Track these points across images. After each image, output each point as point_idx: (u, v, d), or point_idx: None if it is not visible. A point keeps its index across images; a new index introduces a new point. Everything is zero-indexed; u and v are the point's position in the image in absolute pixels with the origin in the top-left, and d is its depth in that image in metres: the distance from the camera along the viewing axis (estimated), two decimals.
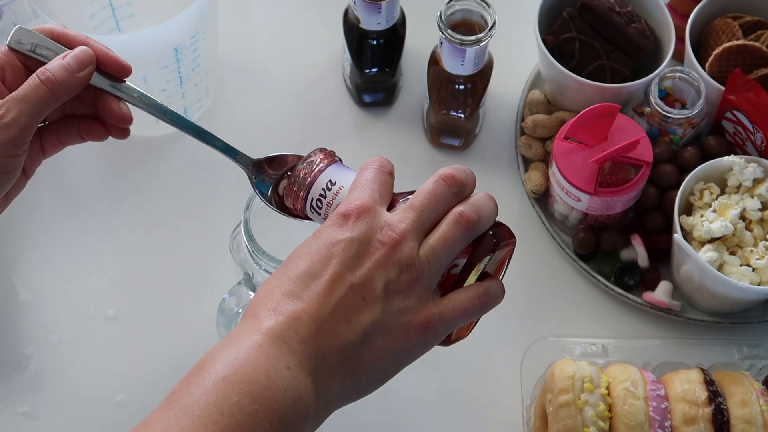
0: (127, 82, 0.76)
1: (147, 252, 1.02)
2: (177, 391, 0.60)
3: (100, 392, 0.95)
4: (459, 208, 0.65)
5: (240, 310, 0.86)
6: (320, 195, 0.69)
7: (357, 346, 0.62)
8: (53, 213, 1.04)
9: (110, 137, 0.79)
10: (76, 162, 1.07)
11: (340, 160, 0.72)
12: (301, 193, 0.70)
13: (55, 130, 0.78)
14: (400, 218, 0.64)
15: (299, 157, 0.74)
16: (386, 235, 0.63)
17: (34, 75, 0.72)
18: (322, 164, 0.70)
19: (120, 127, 0.77)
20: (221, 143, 0.75)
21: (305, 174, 0.70)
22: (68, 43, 0.74)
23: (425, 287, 0.64)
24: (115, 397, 0.95)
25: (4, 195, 0.76)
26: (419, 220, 0.64)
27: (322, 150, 0.71)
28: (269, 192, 0.74)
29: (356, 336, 0.62)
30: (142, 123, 1.06)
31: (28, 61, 0.74)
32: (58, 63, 0.72)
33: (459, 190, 0.67)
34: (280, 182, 0.74)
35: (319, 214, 0.70)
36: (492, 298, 0.67)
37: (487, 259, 0.67)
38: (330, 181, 0.69)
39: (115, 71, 0.75)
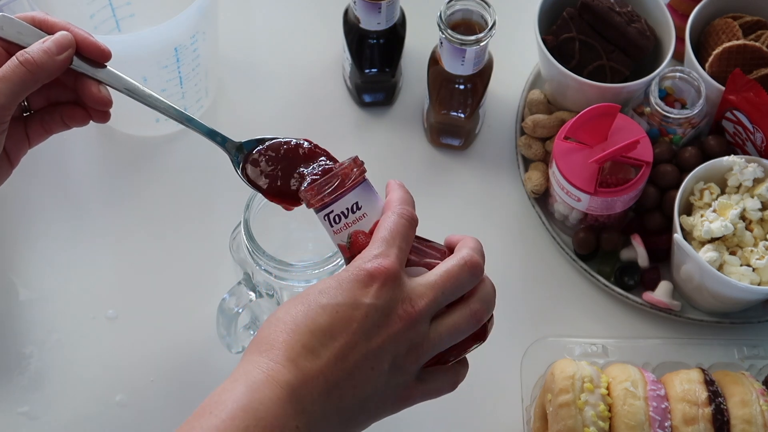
0: (108, 66, 0.77)
1: (147, 252, 1.02)
2: (195, 427, 0.62)
3: (100, 392, 0.95)
4: (476, 306, 0.69)
5: (240, 310, 0.86)
6: (342, 213, 0.70)
7: (355, 410, 0.65)
8: (53, 213, 1.04)
9: (95, 133, 0.80)
10: (77, 163, 1.07)
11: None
12: (325, 199, 0.70)
13: (40, 118, 0.79)
14: (420, 294, 0.66)
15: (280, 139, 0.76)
16: (406, 311, 0.66)
17: (13, 57, 0.73)
18: (354, 180, 0.70)
19: (100, 111, 0.79)
20: (206, 128, 0.77)
21: (336, 186, 0.70)
22: (49, 29, 0.76)
23: (420, 364, 0.67)
24: (115, 397, 0.95)
25: None
26: (437, 301, 0.67)
27: (356, 161, 0.71)
28: (239, 167, 0.76)
29: (357, 402, 0.65)
30: (143, 123, 1.07)
31: (10, 47, 0.75)
32: (38, 46, 0.74)
33: (479, 277, 0.69)
34: (250, 156, 0.75)
35: (332, 226, 0.70)
36: (459, 382, 0.71)
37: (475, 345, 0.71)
38: (356, 204, 0.70)
39: (96, 56, 0.77)
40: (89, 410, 0.94)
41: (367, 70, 1.06)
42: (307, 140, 0.76)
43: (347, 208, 0.70)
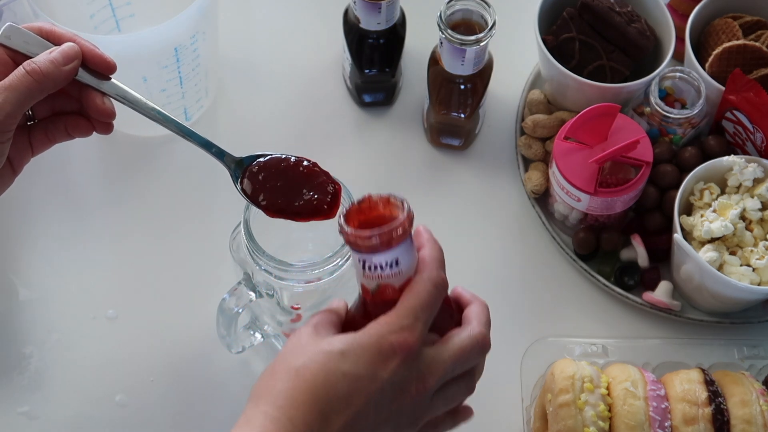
0: (113, 79, 0.78)
1: (147, 252, 1.02)
2: None
3: (100, 392, 0.95)
4: (473, 381, 0.72)
5: (240, 310, 0.86)
6: (379, 264, 0.68)
7: None
8: (53, 213, 1.04)
9: (95, 133, 0.81)
10: (77, 162, 1.07)
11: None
12: (371, 249, 0.67)
13: (44, 127, 0.80)
14: (432, 371, 0.68)
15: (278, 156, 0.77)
16: (417, 389, 0.68)
17: (20, 66, 0.74)
18: (403, 235, 0.67)
19: (103, 122, 0.80)
20: (203, 140, 0.79)
21: (383, 241, 0.67)
22: (56, 40, 0.77)
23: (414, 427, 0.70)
24: (115, 397, 0.95)
25: None
26: (446, 375, 0.69)
27: (409, 216, 0.67)
28: (239, 182, 0.77)
29: None
30: (143, 123, 1.06)
31: (17, 57, 0.76)
32: (44, 56, 0.75)
33: (485, 354, 0.72)
34: (249, 171, 0.77)
35: (363, 270, 0.68)
36: None
37: None
38: (396, 260, 0.68)
39: (101, 68, 0.78)
40: (89, 410, 0.94)
41: (367, 70, 1.06)
42: (306, 159, 0.77)
43: (386, 262, 0.68)
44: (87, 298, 1.00)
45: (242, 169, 0.78)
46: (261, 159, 0.78)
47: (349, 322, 0.72)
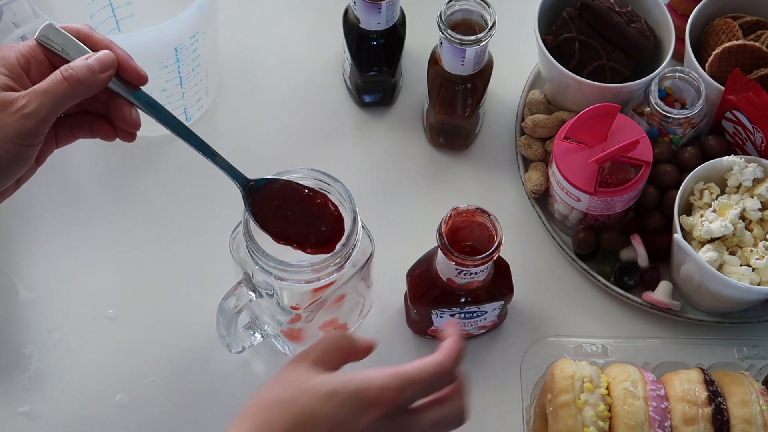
0: (142, 90, 0.79)
1: (147, 252, 1.02)
2: None
3: (100, 392, 0.95)
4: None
5: (240, 310, 0.86)
6: (472, 272, 0.85)
7: None
8: (54, 213, 1.04)
9: (117, 139, 0.82)
10: (77, 162, 1.07)
11: None
12: (468, 264, 0.84)
13: (69, 123, 0.81)
14: None
15: (287, 181, 0.80)
16: None
17: (57, 71, 0.75)
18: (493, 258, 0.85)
19: (127, 131, 0.81)
20: (223, 162, 0.81)
21: (483, 262, 0.84)
22: (93, 45, 0.78)
23: None
24: (115, 397, 0.95)
25: (15, 181, 0.79)
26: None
27: (500, 240, 0.84)
28: (250, 205, 0.80)
29: None
30: (144, 123, 1.07)
31: (53, 57, 0.77)
32: (81, 63, 0.75)
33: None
34: (259, 195, 0.80)
35: (456, 273, 0.86)
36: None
37: None
38: (485, 269, 0.86)
39: (133, 79, 0.79)
40: (89, 410, 0.94)
41: (367, 71, 1.06)
42: (318, 191, 0.81)
43: (480, 270, 0.86)
44: (87, 298, 1.00)
45: (255, 192, 0.80)
46: (275, 183, 0.80)
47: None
